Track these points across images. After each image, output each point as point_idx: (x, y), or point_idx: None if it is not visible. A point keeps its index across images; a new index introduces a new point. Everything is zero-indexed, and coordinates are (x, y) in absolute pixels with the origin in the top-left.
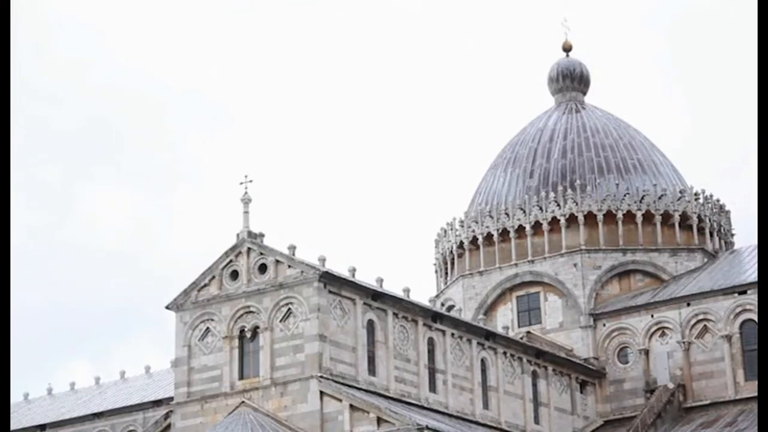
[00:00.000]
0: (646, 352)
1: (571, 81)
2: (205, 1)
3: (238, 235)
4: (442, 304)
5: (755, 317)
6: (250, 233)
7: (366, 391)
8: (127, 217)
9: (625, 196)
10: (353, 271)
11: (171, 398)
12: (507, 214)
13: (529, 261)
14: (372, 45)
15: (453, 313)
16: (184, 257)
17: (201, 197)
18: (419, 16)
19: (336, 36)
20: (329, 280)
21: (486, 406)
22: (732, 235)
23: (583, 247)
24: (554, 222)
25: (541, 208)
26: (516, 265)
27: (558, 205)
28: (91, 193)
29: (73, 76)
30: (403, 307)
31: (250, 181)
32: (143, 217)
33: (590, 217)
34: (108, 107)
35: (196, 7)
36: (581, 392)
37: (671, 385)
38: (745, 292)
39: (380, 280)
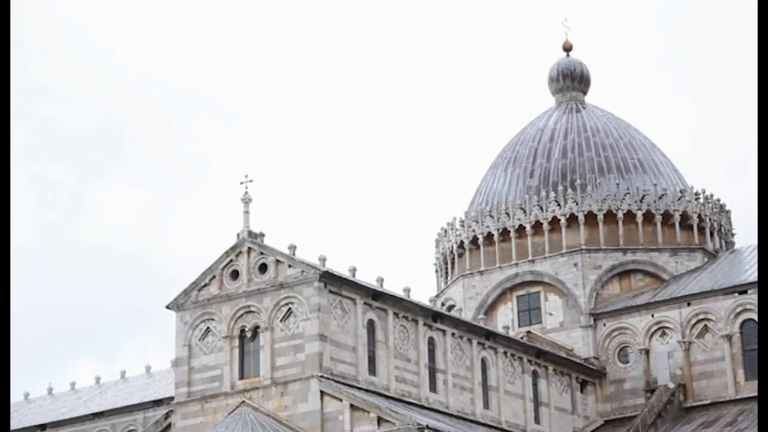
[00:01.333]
0: (647, 352)
1: (571, 81)
2: (206, 2)
3: (238, 234)
4: (443, 304)
5: (755, 317)
6: (250, 233)
7: (366, 390)
8: (132, 217)
9: (625, 195)
10: (353, 270)
11: (171, 398)
12: (507, 214)
13: (529, 261)
14: (372, 45)
15: (453, 313)
16: (189, 256)
17: (204, 197)
18: (419, 17)
19: (336, 36)
20: (329, 280)
21: (486, 405)
22: (732, 234)
23: (584, 247)
24: (554, 222)
25: (541, 208)
26: (516, 264)
27: (558, 204)
28: (98, 194)
29: (81, 78)
30: (404, 306)
31: (251, 181)
32: (148, 217)
33: (590, 217)
34: (114, 108)
35: (197, 9)
36: (582, 392)
37: (671, 385)
38: (745, 292)
39: (380, 280)
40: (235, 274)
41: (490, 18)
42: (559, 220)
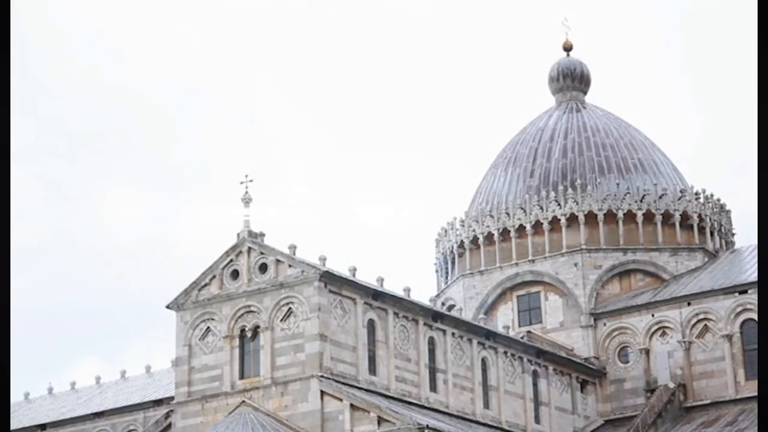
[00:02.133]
0: (647, 352)
1: (571, 80)
2: (207, 3)
3: (238, 234)
4: (443, 304)
5: (756, 317)
6: (250, 233)
7: (366, 390)
8: (134, 216)
9: (625, 195)
10: (354, 270)
11: (171, 398)
12: (508, 214)
13: (529, 260)
14: (372, 45)
15: (453, 313)
16: (191, 256)
17: (206, 197)
18: (420, 16)
19: (336, 36)
20: (330, 280)
21: (487, 405)
22: (732, 234)
23: (584, 247)
24: (555, 221)
25: (541, 208)
26: (516, 264)
27: (558, 204)
28: (99, 194)
29: (83, 78)
30: (404, 306)
31: (251, 181)
32: (149, 216)
33: (591, 217)
34: (115, 108)
35: (199, 10)
36: (582, 392)
37: (672, 385)
38: (745, 292)
39: (381, 280)
40: (235, 274)
41: (490, 18)
42: (560, 219)
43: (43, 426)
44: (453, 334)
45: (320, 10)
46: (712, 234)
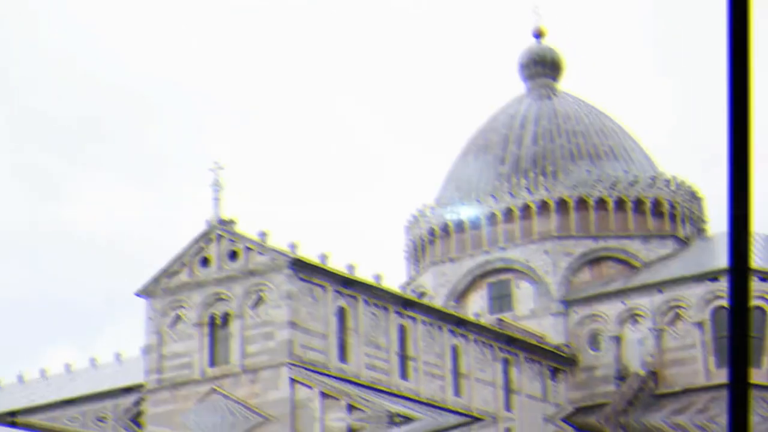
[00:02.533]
0: (618, 339)
1: (542, 67)
2: None
3: (208, 221)
4: (414, 291)
5: (727, 304)
6: (220, 220)
7: (337, 377)
8: (107, 204)
9: (596, 182)
10: (324, 257)
11: (142, 385)
12: (479, 201)
13: (500, 248)
14: (342, 32)
15: (424, 300)
16: (163, 243)
17: (180, 184)
18: (390, 3)
19: (306, 23)
20: (300, 267)
21: (457, 392)
22: (704, 222)
23: (555, 234)
24: (526, 209)
25: (512, 195)
26: (488, 251)
27: (530, 191)
28: (72, 182)
29: (57, 67)
30: (375, 293)
31: (221, 168)
32: (122, 204)
33: (563, 204)
34: (89, 96)
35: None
36: (553, 379)
37: (643, 372)
38: (716, 279)
39: (351, 267)
40: (205, 261)
41: (461, 4)
42: (531, 207)
43: (13, 413)
44: (424, 321)
45: None
46: (683, 221)
